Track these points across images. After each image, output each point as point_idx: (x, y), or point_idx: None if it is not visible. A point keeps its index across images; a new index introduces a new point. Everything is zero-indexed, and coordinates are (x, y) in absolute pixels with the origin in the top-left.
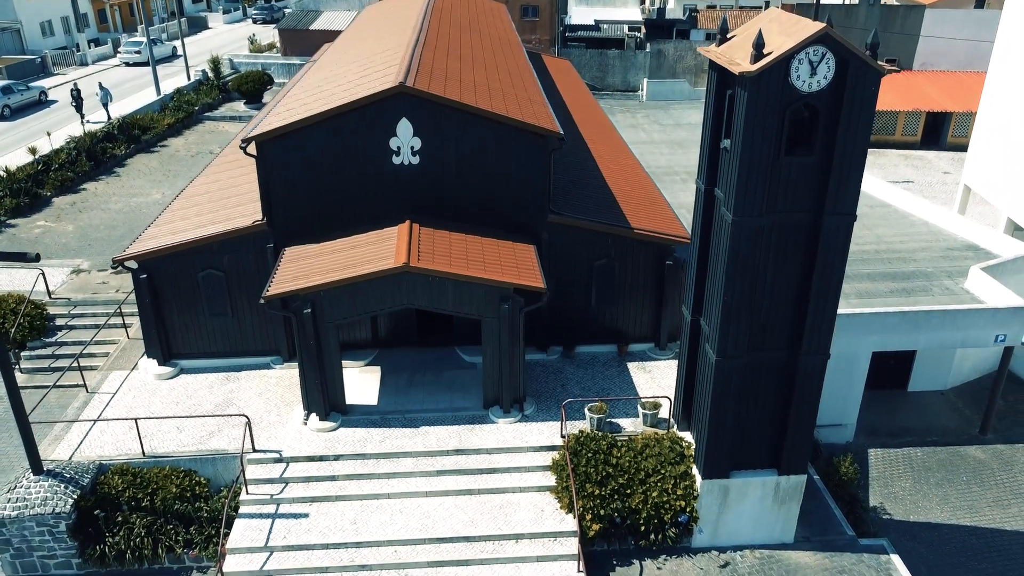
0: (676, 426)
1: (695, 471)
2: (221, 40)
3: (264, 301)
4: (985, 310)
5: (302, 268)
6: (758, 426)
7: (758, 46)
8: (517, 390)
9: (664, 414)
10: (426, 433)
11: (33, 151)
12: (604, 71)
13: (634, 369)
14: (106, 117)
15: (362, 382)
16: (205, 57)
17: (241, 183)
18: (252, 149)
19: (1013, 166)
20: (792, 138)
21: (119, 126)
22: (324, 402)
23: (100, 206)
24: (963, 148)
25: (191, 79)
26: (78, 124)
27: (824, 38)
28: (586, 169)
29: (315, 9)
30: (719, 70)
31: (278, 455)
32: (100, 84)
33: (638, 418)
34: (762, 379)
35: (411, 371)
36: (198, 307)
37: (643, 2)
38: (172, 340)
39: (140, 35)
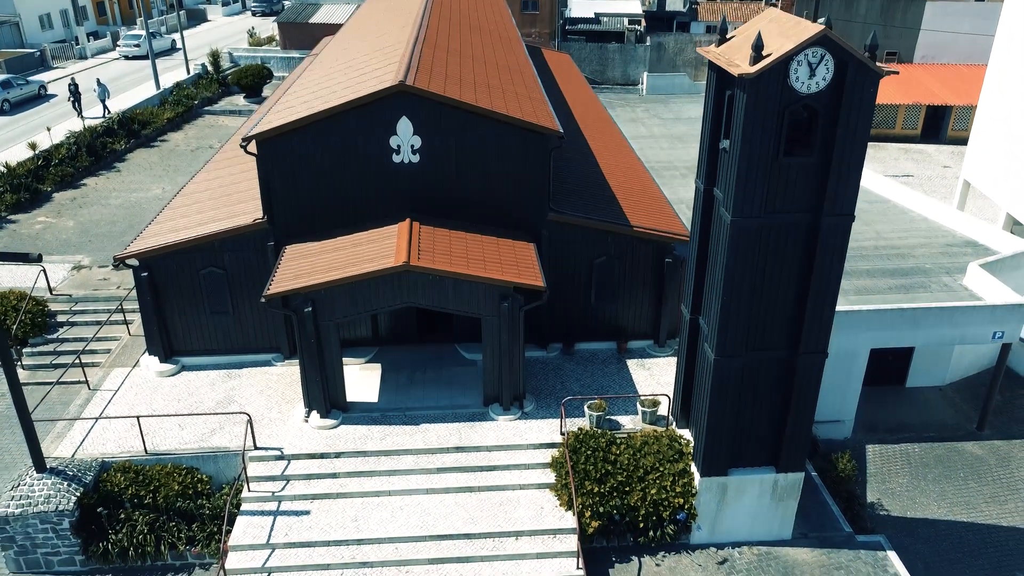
0: (675, 424)
1: (694, 468)
2: (220, 33)
3: (265, 300)
4: (983, 307)
5: (303, 266)
6: (756, 424)
7: (757, 48)
8: (517, 387)
9: (663, 412)
10: (426, 431)
11: (33, 146)
12: (604, 65)
13: (633, 366)
14: (103, 113)
15: (363, 379)
16: (204, 50)
17: (241, 180)
18: (252, 148)
19: (1013, 161)
20: (791, 138)
21: (119, 121)
22: (325, 400)
23: (100, 201)
24: (963, 142)
25: (190, 73)
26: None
27: (823, 40)
28: (586, 165)
29: (315, 2)
30: (718, 71)
31: (279, 452)
32: (98, 80)
33: (637, 416)
34: (760, 378)
35: (411, 368)
36: (199, 305)
37: None
38: (173, 337)
39: (139, 28)
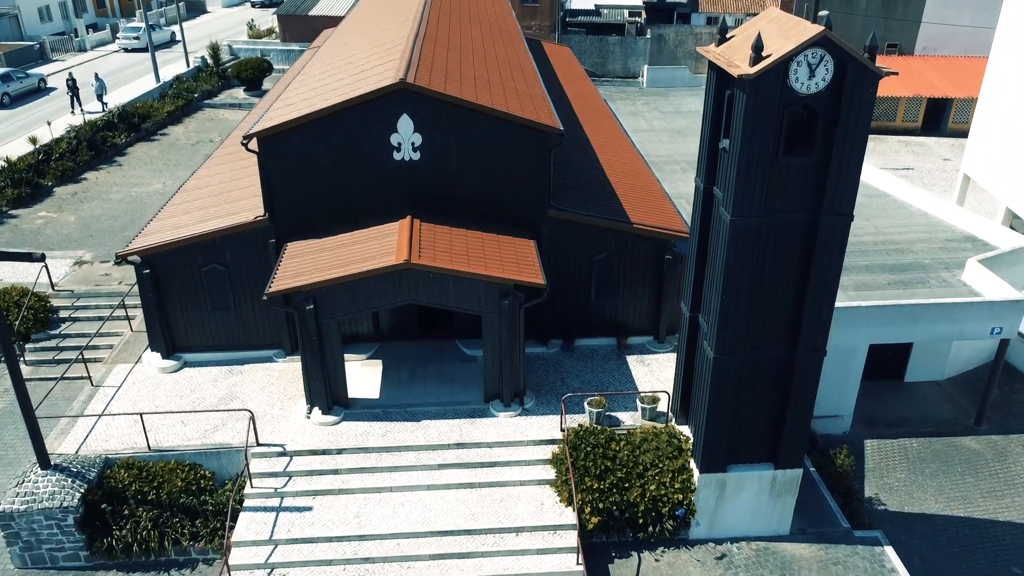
0: (674, 420)
1: (693, 465)
2: (220, 25)
3: (267, 298)
4: (981, 303)
5: (304, 264)
6: (755, 421)
7: (757, 49)
8: (517, 384)
9: (663, 408)
10: (427, 427)
11: (34, 141)
12: (604, 57)
13: (633, 362)
14: (100, 109)
15: (364, 376)
16: (204, 43)
17: (242, 176)
18: (253, 145)
19: (1013, 156)
20: (790, 138)
21: (119, 114)
22: (327, 396)
23: (101, 196)
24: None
25: (190, 66)
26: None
27: (823, 41)
28: (586, 161)
29: None
30: (718, 70)
31: (282, 449)
32: (96, 75)
33: (637, 412)
34: (759, 375)
35: (412, 364)
36: (201, 301)
37: None
38: (175, 334)
39: (138, 20)
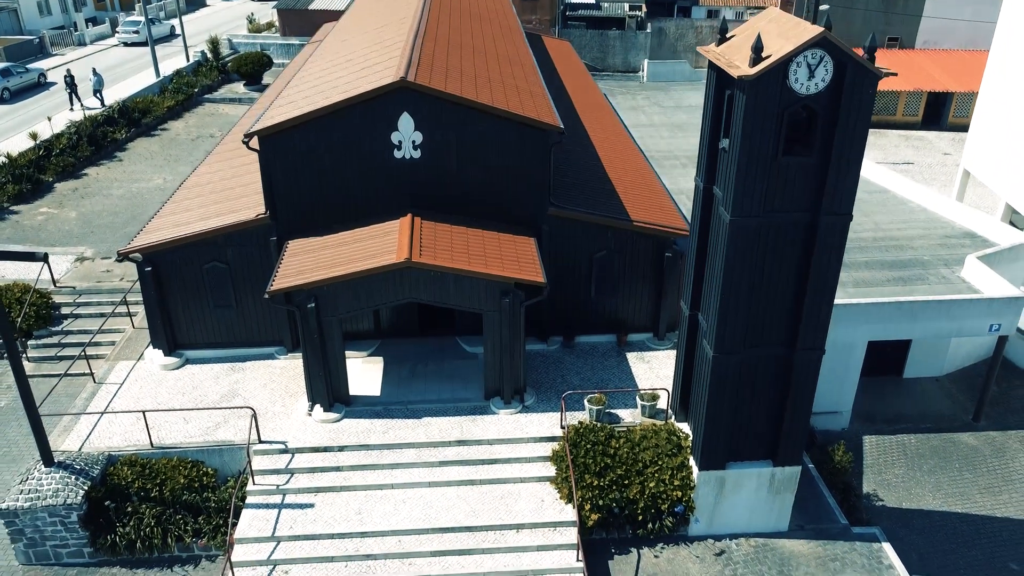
0: (674, 417)
1: (692, 462)
2: (219, 18)
3: (269, 296)
4: (980, 300)
5: (305, 262)
6: (754, 419)
7: (757, 49)
8: (518, 381)
9: (662, 405)
10: (428, 424)
11: (34, 136)
12: (605, 52)
13: (633, 359)
14: (97, 104)
15: (365, 372)
16: (203, 36)
17: (243, 173)
18: (255, 143)
19: (1013, 151)
20: (790, 138)
21: (119, 109)
22: (328, 394)
23: (102, 192)
24: (964, 128)
25: (190, 60)
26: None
27: (822, 42)
28: (586, 157)
29: None
30: (718, 70)
31: (284, 446)
32: (94, 70)
33: (636, 409)
34: (758, 374)
35: (413, 361)
36: (203, 299)
37: None
38: (177, 331)
39: (138, 14)
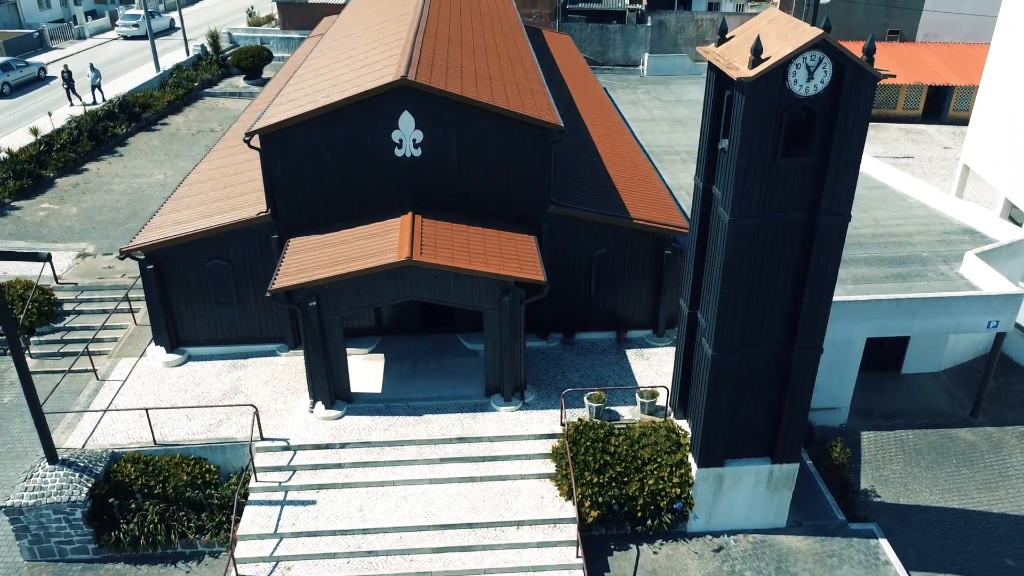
0: (673, 414)
1: (691, 459)
2: (219, 11)
3: (270, 294)
4: (978, 297)
5: (307, 261)
6: (752, 417)
7: (756, 52)
8: (518, 378)
9: (661, 403)
10: (429, 421)
11: (35, 131)
12: (605, 46)
13: (632, 356)
14: (95, 100)
15: (366, 369)
16: (203, 30)
17: (244, 170)
18: (255, 142)
19: (1013, 146)
20: (789, 139)
21: (119, 104)
22: (330, 391)
23: (103, 187)
24: (965, 122)
25: (190, 54)
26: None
27: (821, 44)
28: (586, 154)
29: None
30: (718, 71)
31: (286, 443)
32: (91, 65)
33: (636, 406)
34: (757, 372)
35: (414, 358)
36: (205, 296)
37: None
38: (179, 328)
39: (137, 7)
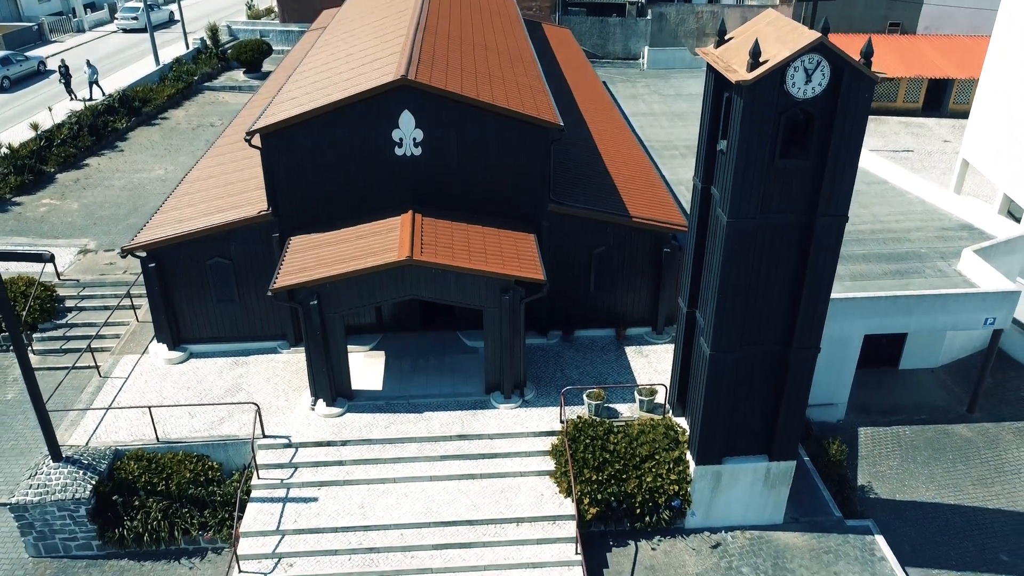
0: (671, 412)
1: (689, 457)
2: (218, 3)
3: (272, 293)
4: (975, 294)
5: (308, 259)
6: (750, 415)
7: (755, 55)
8: (518, 376)
9: (660, 400)
10: (429, 418)
11: (35, 127)
12: (605, 39)
13: (631, 353)
14: (91, 96)
15: (367, 367)
16: (202, 22)
17: (244, 168)
18: (256, 141)
19: (1013, 141)
20: (787, 140)
21: (119, 98)
22: (331, 389)
23: (104, 183)
24: (965, 115)
25: (189, 48)
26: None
27: (819, 47)
28: (586, 151)
29: None
30: (716, 73)
31: (287, 440)
32: (88, 61)
33: (635, 404)
34: (754, 371)
35: (414, 356)
36: (206, 294)
37: None
38: (181, 326)
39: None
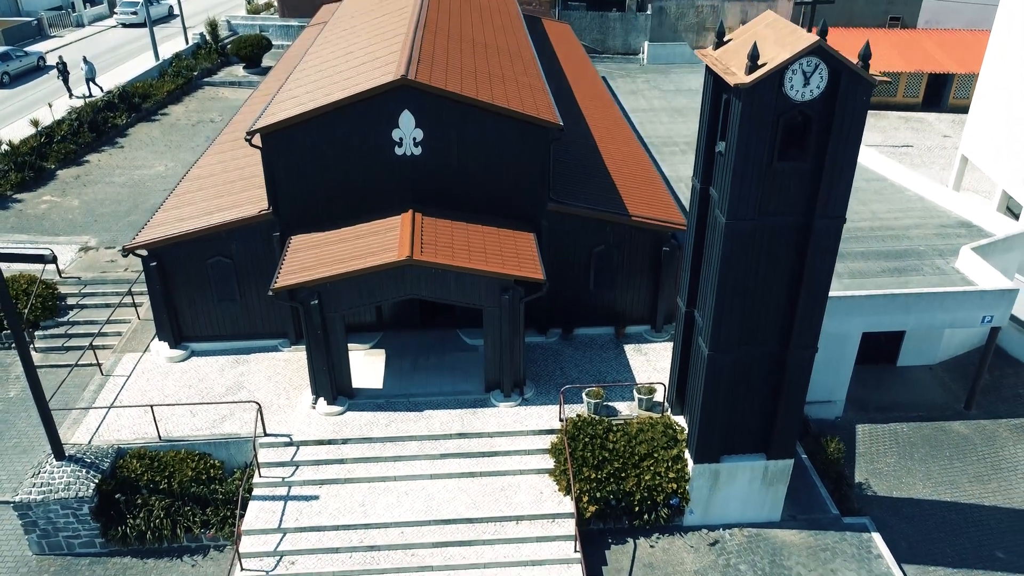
0: (670, 410)
1: (687, 455)
2: None
3: (272, 293)
4: (972, 292)
5: (308, 259)
6: (748, 414)
7: (753, 57)
8: (517, 374)
9: (659, 398)
10: (430, 417)
11: (35, 123)
12: (605, 34)
13: (631, 351)
14: (89, 93)
15: (368, 365)
16: (202, 17)
17: (245, 166)
18: (257, 141)
19: (1012, 138)
20: (785, 142)
21: (119, 94)
22: (331, 387)
23: (104, 179)
24: (965, 110)
25: (189, 43)
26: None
27: (817, 50)
28: (585, 149)
29: None
30: (715, 75)
31: (288, 439)
32: (84, 58)
33: (634, 402)
34: (752, 371)
35: (415, 354)
36: (207, 293)
37: None
38: (182, 324)
39: None
